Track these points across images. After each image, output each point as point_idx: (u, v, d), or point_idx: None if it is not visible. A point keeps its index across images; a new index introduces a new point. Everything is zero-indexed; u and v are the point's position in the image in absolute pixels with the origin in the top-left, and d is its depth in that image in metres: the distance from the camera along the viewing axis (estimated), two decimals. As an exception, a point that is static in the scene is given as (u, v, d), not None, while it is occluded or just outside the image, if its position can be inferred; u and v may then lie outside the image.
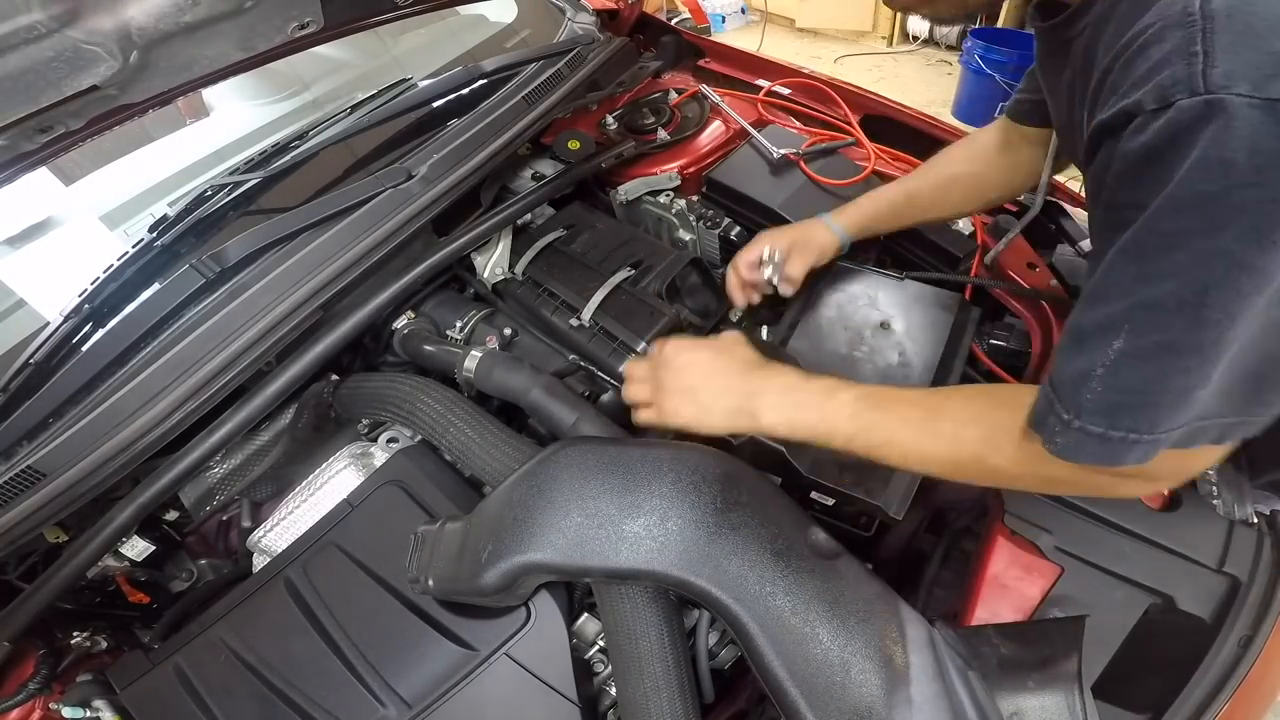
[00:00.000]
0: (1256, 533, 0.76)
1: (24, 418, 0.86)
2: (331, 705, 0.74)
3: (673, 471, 0.70)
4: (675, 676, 0.72)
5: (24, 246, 1.33)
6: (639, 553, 0.66)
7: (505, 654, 0.75)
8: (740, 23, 4.86)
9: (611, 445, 0.75)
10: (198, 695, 0.78)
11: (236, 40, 0.92)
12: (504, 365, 0.93)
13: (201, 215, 1.11)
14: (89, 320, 0.99)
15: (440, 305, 1.14)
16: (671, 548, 0.66)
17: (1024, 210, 1.07)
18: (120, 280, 1.03)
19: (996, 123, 1.00)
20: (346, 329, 0.98)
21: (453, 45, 1.77)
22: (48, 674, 0.85)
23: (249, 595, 0.84)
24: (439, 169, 1.09)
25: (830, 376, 0.73)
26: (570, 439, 0.80)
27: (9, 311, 1.21)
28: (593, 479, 0.70)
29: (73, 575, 0.85)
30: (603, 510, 0.68)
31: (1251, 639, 0.70)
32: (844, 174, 1.20)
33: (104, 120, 0.87)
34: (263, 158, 1.23)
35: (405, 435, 0.97)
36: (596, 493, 0.69)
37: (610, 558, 0.67)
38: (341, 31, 1.09)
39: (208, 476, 1.00)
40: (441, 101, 1.31)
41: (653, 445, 0.76)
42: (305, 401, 1.03)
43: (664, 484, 0.69)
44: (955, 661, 0.65)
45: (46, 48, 0.72)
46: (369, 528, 0.85)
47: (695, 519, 0.67)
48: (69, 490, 0.82)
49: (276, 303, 0.93)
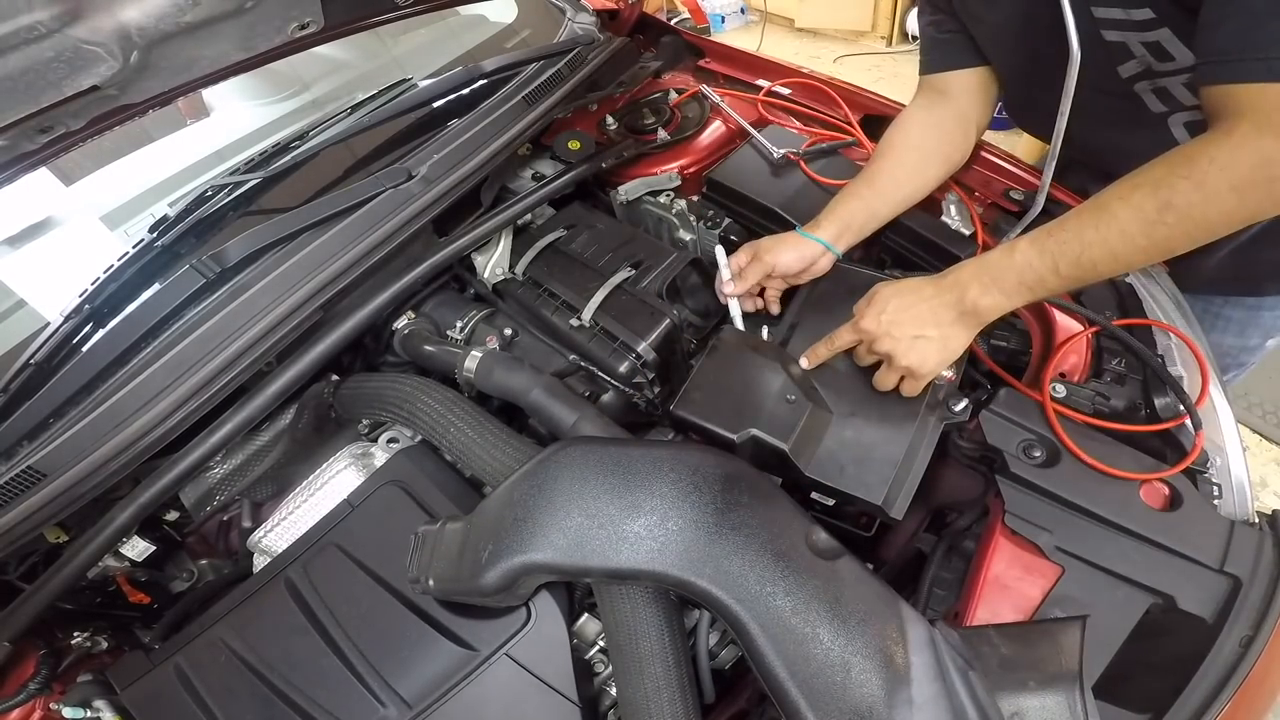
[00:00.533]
0: (1257, 532, 0.76)
1: (24, 418, 0.86)
2: (332, 705, 0.74)
3: (673, 471, 0.70)
4: (676, 676, 0.72)
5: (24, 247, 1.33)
6: (639, 553, 0.66)
7: (506, 654, 0.75)
8: (740, 23, 4.86)
9: (612, 445, 0.75)
10: (198, 695, 0.78)
11: (237, 40, 0.92)
12: (504, 365, 0.93)
13: (202, 215, 1.11)
14: (89, 320, 0.99)
15: (440, 305, 1.14)
16: (672, 548, 0.66)
17: (1025, 210, 1.07)
18: (120, 280, 1.03)
19: (921, 91, 1.03)
20: (347, 329, 0.98)
21: (453, 45, 1.77)
22: (48, 674, 0.85)
23: (249, 595, 0.84)
24: (439, 169, 1.09)
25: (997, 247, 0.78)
26: (571, 439, 0.80)
27: (9, 312, 1.21)
28: (593, 479, 0.70)
29: (73, 575, 0.85)
30: (603, 510, 0.68)
31: (1253, 639, 0.69)
32: (844, 174, 1.20)
33: (104, 120, 0.87)
34: (263, 158, 1.23)
35: (405, 435, 0.97)
36: (597, 493, 0.69)
37: (611, 558, 0.67)
38: (342, 32, 1.10)
39: (208, 477, 1.00)
40: (442, 102, 1.31)
41: (654, 445, 0.76)
42: (306, 402, 1.03)
43: (664, 484, 0.69)
44: (956, 662, 0.64)
45: (47, 48, 0.72)
46: (369, 528, 0.85)
47: (696, 519, 0.67)
48: (69, 490, 0.82)
49: (277, 303, 0.93)
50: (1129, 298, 0.97)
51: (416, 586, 0.74)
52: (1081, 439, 0.80)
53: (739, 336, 0.98)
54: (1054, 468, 0.79)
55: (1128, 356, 0.90)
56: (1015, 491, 0.79)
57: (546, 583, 0.81)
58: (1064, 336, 0.93)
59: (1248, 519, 0.80)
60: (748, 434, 0.82)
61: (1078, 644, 0.64)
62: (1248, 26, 0.59)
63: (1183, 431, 0.82)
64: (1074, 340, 0.93)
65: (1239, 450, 0.86)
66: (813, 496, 0.89)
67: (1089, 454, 0.79)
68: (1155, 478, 0.78)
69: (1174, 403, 0.84)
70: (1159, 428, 0.82)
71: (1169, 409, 0.84)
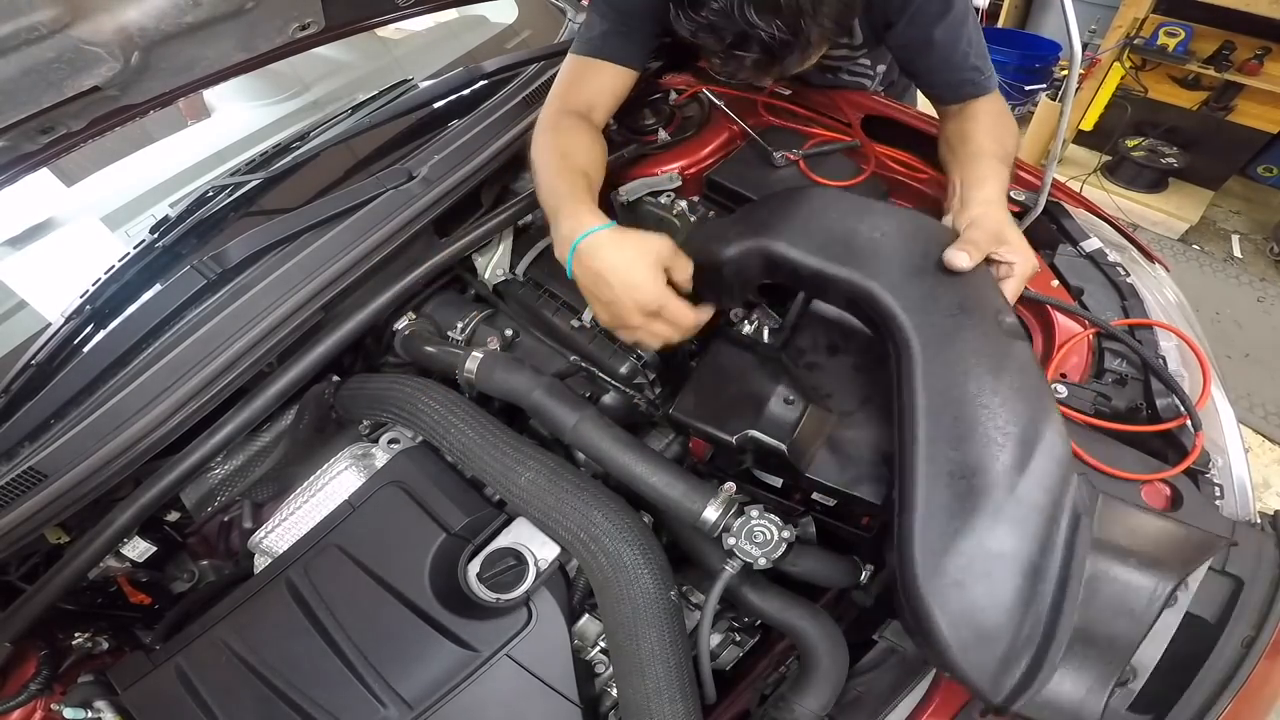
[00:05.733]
0: (1259, 533, 0.75)
1: (26, 419, 0.86)
2: (333, 706, 0.74)
3: (906, 222, 0.82)
4: (677, 677, 0.72)
5: (25, 247, 1.33)
6: (859, 270, 0.77)
7: (506, 655, 0.75)
8: (741, 23, 4.85)
9: (850, 196, 0.89)
10: (199, 696, 0.78)
11: (238, 41, 0.92)
12: (505, 366, 0.93)
13: (203, 216, 1.11)
14: (90, 321, 1.00)
15: (441, 306, 1.14)
16: (885, 271, 0.76)
17: (1026, 211, 1.07)
18: (122, 281, 1.03)
19: (569, 79, 1.09)
20: (348, 330, 0.98)
21: (453, 46, 1.78)
22: (49, 675, 0.85)
23: (250, 596, 0.84)
24: (440, 170, 1.09)
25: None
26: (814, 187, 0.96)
27: (11, 313, 1.21)
28: (846, 201, 0.85)
29: (74, 576, 0.85)
30: (839, 227, 0.81)
31: (1254, 639, 0.69)
32: (844, 175, 1.20)
33: (105, 121, 0.87)
34: (264, 159, 1.23)
35: (406, 436, 0.97)
36: (843, 218, 0.82)
37: (834, 268, 0.78)
38: (342, 32, 1.10)
39: (209, 477, 1.00)
40: (442, 102, 1.31)
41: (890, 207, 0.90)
42: (306, 402, 1.03)
43: (892, 223, 0.81)
44: (1080, 497, 0.66)
45: (48, 49, 0.72)
46: (370, 529, 0.85)
47: (907, 261, 0.78)
48: (71, 491, 0.82)
49: (278, 304, 0.93)
50: (1130, 298, 0.97)
51: None
52: (1082, 440, 0.80)
53: (738, 337, 0.98)
54: (1055, 468, 0.79)
55: (1129, 357, 0.90)
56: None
57: (546, 583, 0.81)
58: (1064, 337, 0.93)
59: (1249, 520, 0.80)
60: (745, 435, 0.82)
61: (1205, 554, 0.66)
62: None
63: (1184, 432, 0.82)
64: (1074, 341, 0.93)
65: (1240, 451, 0.86)
66: (814, 497, 0.89)
67: (1090, 455, 0.78)
68: (1157, 478, 0.78)
69: (1175, 403, 0.84)
70: (1160, 428, 0.82)
71: (1170, 410, 0.84)
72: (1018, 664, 0.62)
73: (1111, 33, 2.95)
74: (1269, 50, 2.80)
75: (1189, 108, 3.09)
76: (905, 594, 0.66)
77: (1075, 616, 0.63)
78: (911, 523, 0.66)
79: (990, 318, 0.73)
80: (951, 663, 0.63)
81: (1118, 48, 2.93)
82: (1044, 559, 0.64)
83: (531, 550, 0.82)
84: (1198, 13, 2.81)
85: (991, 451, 0.66)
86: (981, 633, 0.63)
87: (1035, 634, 0.63)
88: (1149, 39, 2.96)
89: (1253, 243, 3.13)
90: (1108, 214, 1.19)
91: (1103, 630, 0.64)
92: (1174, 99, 3.11)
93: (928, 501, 0.66)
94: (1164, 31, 2.94)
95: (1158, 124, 3.22)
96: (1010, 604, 0.63)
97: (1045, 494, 0.65)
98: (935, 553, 0.65)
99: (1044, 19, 3.70)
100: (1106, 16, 2.99)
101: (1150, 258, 1.15)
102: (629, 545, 0.78)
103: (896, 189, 1.22)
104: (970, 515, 0.65)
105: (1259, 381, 2.53)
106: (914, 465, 0.68)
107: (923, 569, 0.64)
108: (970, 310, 0.73)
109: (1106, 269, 1.01)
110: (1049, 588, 0.64)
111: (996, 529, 0.64)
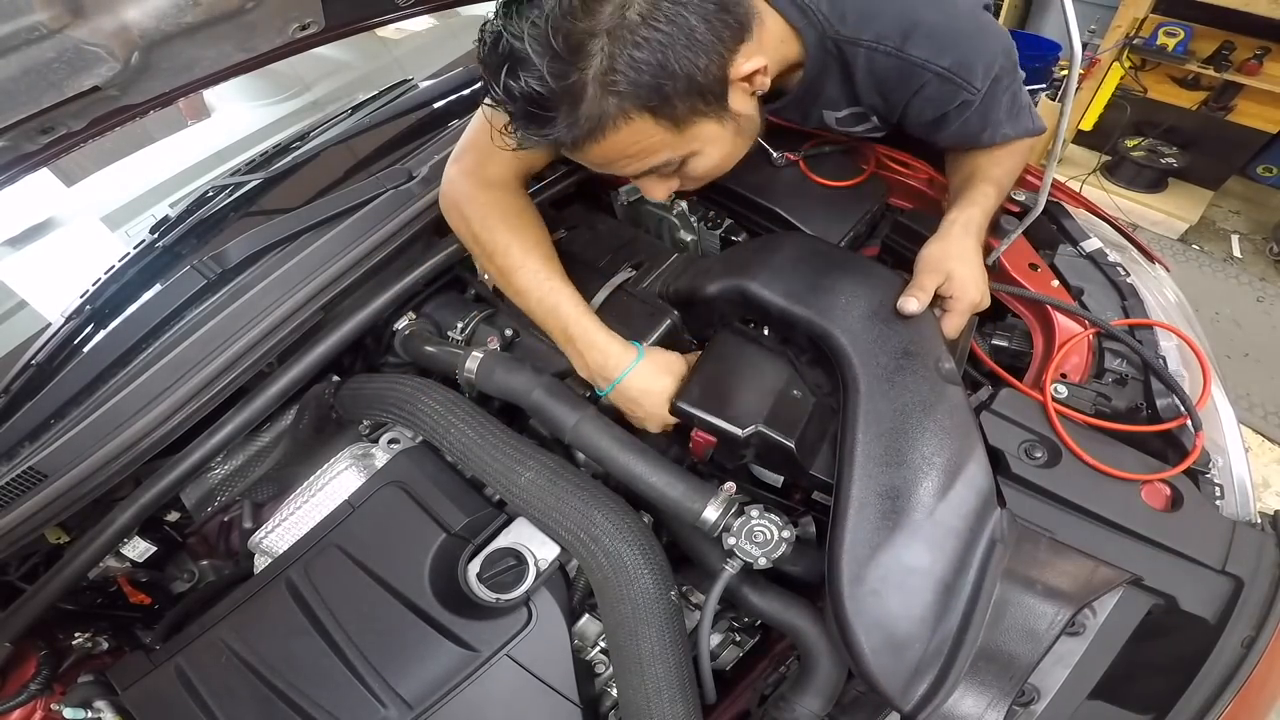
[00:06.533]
0: (1259, 533, 0.75)
1: (26, 419, 0.86)
2: (333, 706, 0.74)
3: (870, 276, 0.90)
4: (677, 677, 0.72)
5: (26, 247, 1.33)
6: (825, 314, 0.85)
7: (506, 655, 0.75)
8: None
9: (825, 245, 1.00)
10: (199, 696, 0.78)
11: (238, 41, 0.92)
12: (505, 366, 0.93)
13: (203, 216, 1.11)
14: (91, 321, 1.00)
15: (441, 306, 1.14)
16: (846, 320, 0.84)
17: (1026, 211, 1.07)
18: (122, 281, 1.03)
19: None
20: (348, 330, 0.98)
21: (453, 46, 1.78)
22: (49, 675, 0.85)
23: (250, 596, 0.84)
24: (440, 170, 1.09)
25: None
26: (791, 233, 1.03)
27: (11, 312, 1.21)
28: (810, 254, 0.94)
29: (74, 576, 0.85)
30: (809, 276, 0.89)
31: (1255, 640, 0.69)
32: (844, 174, 1.20)
33: (105, 121, 0.87)
34: (264, 159, 1.24)
35: (406, 436, 0.97)
36: (811, 264, 0.91)
37: (803, 309, 0.86)
38: (342, 32, 1.09)
39: (209, 477, 1.00)
40: (442, 102, 1.31)
41: (855, 256, 0.97)
42: (306, 402, 1.03)
43: (858, 279, 0.89)
44: (996, 528, 0.72)
45: (48, 49, 0.72)
46: (370, 529, 0.85)
47: (869, 310, 0.86)
48: (71, 491, 0.82)
49: (278, 304, 0.93)
50: (1130, 298, 0.97)
51: None
52: (1083, 440, 0.80)
53: (743, 330, 0.98)
54: (1055, 468, 0.79)
55: (1129, 357, 0.90)
56: (1016, 492, 0.79)
57: (546, 583, 0.81)
58: (1065, 337, 0.93)
59: (1250, 519, 0.80)
60: (754, 430, 0.81)
61: (1107, 586, 0.70)
62: None
63: (1184, 432, 0.82)
64: (1075, 341, 0.93)
65: (1241, 451, 0.86)
66: (814, 497, 0.89)
67: (1090, 455, 0.78)
68: (1157, 478, 0.78)
69: (1175, 403, 0.84)
70: (1160, 428, 0.82)
71: (1170, 410, 0.84)
72: (926, 674, 0.68)
73: (1111, 33, 2.95)
74: (1268, 50, 2.80)
75: (1188, 108, 3.09)
76: (830, 599, 0.72)
77: (981, 635, 0.69)
78: (841, 533, 0.72)
79: (930, 365, 0.81)
80: (865, 668, 0.68)
81: (1117, 48, 2.93)
82: (957, 578, 0.70)
83: (531, 550, 0.82)
84: (1197, 13, 2.81)
85: (917, 478, 0.73)
86: (894, 640, 0.68)
87: (944, 647, 0.69)
88: (1148, 39, 2.96)
89: (1252, 243, 3.13)
90: (1108, 214, 1.19)
91: (1005, 649, 0.69)
92: (1173, 99, 3.11)
93: (857, 515, 0.73)
94: (1163, 31, 2.94)
95: (1157, 124, 3.22)
96: (921, 615, 0.69)
97: (962, 520, 0.72)
98: (858, 561, 0.71)
99: (1043, 19, 3.70)
100: (1106, 16, 2.99)
101: (1150, 258, 1.15)
102: (629, 545, 0.78)
103: (896, 189, 1.22)
104: (891, 531, 0.72)
105: (1258, 381, 2.53)
106: (849, 482, 0.74)
107: (846, 576, 0.70)
108: (913, 355, 0.82)
109: (1106, 269, 1.01)
110: (960, 605, 0.70)
111: (914, 545, 0.71)
